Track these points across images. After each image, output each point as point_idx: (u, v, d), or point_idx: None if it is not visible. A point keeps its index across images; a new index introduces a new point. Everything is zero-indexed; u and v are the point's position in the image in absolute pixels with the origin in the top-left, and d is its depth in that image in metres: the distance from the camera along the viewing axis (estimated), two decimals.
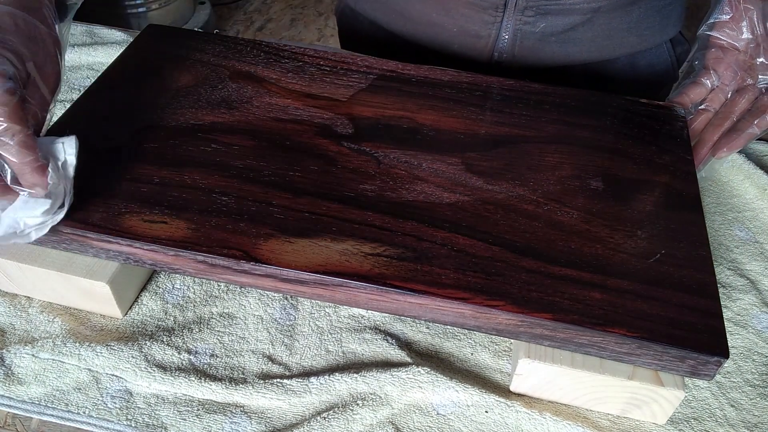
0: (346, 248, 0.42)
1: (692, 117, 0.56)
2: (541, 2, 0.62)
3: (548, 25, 0.64)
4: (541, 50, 0.66)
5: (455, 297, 0.40)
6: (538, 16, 0.63)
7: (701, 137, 0.55)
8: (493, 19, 0.64)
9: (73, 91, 0.67)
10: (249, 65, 0.57)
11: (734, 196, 0.60)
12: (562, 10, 0.63)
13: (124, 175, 0.46)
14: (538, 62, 0.67)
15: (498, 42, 0.66)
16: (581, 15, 0.63)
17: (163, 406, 0.44)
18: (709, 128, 0.55)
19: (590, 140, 0.52)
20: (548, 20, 0.64)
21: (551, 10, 0.63)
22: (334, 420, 0.43)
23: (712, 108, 0.56)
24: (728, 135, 0.54)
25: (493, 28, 0.65)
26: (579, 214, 0.46)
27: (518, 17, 0.64)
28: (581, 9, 0.63)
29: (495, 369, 0.47)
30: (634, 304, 0.40)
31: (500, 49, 0.66)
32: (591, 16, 0.64)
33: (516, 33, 0.65)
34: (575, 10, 0.63)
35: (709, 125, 0.55)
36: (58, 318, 0.48)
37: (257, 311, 0.49)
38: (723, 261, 0.54)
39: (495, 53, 0.67)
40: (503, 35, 0.65)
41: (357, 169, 0.48)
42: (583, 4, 0.62)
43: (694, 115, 0.56)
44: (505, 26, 0.65)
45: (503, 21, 0.64)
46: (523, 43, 0.65)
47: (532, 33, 0.65)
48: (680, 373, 0.40)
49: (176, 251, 0.42)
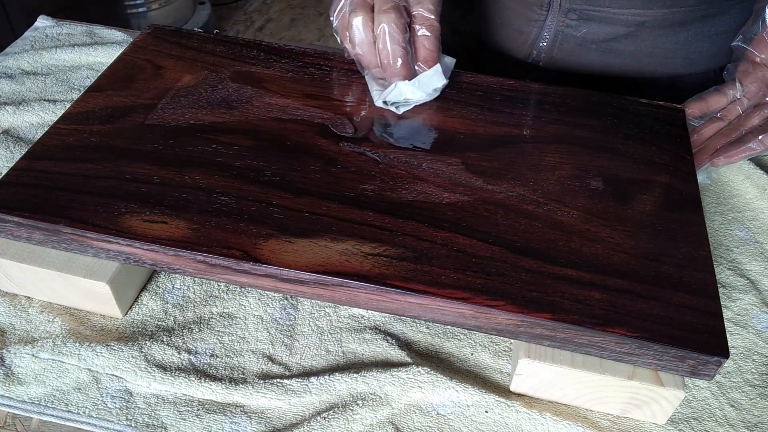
0: (346, 248, 0.42)
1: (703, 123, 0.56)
2: (585, 6, 0.62)
3: (590, 32, 0.64)
4: (580, 56, 0.66)
5: (455, 297, 0.40)
6: (581, 21, 0.63)
7: (706, 144, 0.55)
8: (537, 16, 0.64)
9: (73, 91, 0.67)
10: (249, 65, 0.57)
11: (734, 196, 0.60)
12: (605, 18, 0.62)
13: (124, 175, 0.46)
14: (576, 68, 0.67)
15: (538, 41, 0.66)
16: (625, 26, 0.63)
17: (163, 406, 0.44)
18: (717, 137, 0.55)
19: (590, 140, 0.52)
20: (591, 26, 0.63)
21: (594, 17, 0.62)
22: (334, 420, 0.43)
23: (727, 119, 0.56)
24: (729, 146, 0.54)
25: (536, 26, 0.65)
26: (579, 214, 0.46)
27: (561, 19, 0.63)
28: (625, 20, 0.62)
29: (495, 369, 0.47)
30: (634, 304, 0.40)
31: (539, 48, 0.66)
32: (635, 29, 0.63)
33: (557, 34, 0.64)
34: (619, 21, 0.62)
35: (718, 134, 0.55)
36: (58, 318, 0.48)
37: (257, 311, 0.49)
38: (723, 261, 0.54)
39: (533, 51, 0.67)
40: (544, 34, 0.65)
41: (357, 169, 0.48)
42: (628, 16, 0.62)
43: (705, 122, 0.56)
44: (548, 26, 0.64)
45: (546, 20, 0.64)
46: (562, 46, 0.65)
47: (573, 37, 0.64)
48: (680, 373, 0.40)
49: (176, 251, 0.42)
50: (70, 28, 0.75)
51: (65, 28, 0.75)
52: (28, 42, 0.72)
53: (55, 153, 0.47)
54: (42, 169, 0.46)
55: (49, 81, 0.67)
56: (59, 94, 0.66)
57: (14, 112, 0.63)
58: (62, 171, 0.46)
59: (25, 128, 0.62)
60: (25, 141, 0.61)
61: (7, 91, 0.66)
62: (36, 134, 0.62)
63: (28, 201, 0.44)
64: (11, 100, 0.65)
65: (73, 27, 0.75)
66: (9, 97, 0.65)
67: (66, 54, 0.70)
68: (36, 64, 0.69)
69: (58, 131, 0.49)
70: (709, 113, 0.57)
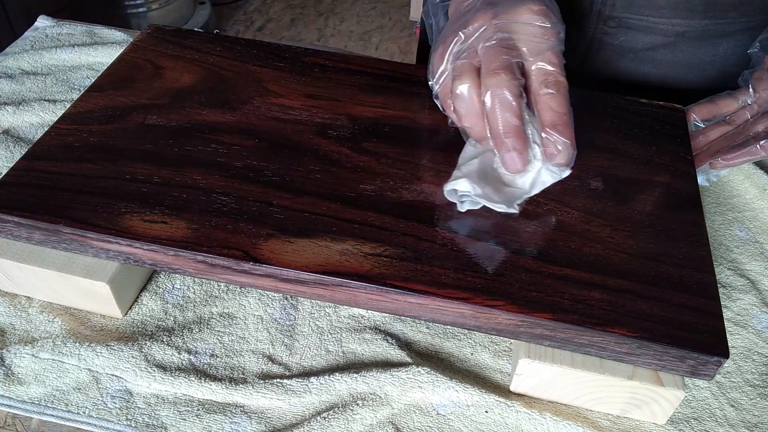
0: (346, 248, 0.42)
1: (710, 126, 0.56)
2: (624, 14, 0.61)
3: (627, 40, 0.63)
4: (617, 64, 0.65)
5: (455, 297, 0.40)
6: (620, 29, 0.62)
7: (709, 147, 0.55)
8: (575, 22, 0.63)
9: (73, 91, 0.67)
10: (249, 65, 0.57)
11: (734, 196, 0.60)
12: (645, 27, 0.61)
13: (124, 175, 0.46)
14: (612, 75, 0.66)
15: (576, 47, 0.64)
16: (664, 36, 0.62)
17: (163, 406, 0.44)
18: (721, 140, 0.55)
19: (590, 140, 0.52)
20: (629, 35, 0.62)
21: (633, 25, 0.61)
22: (334, 420, 0.43)
23: (734, 123, 0.56)
24: (729, 149, 0.54)
25: (572, 31, 0.63)
26: (579, 214, 0.46)
27: (599, 26, 0.62)
28: (665, 30, 0.61)
29: (495, 369, 0.47)
30: (634, 304, 0.40)
31: (575, 54, 0.65)
32: (674, 39, 0.62)
33: (593, 41, 0.63)
34: (659, 30, 0.61)
35: (722, 137, 0.55)
36: (58, 318, 0.48)
37: (257, 311, 0.49)
38: (723, 261, 0.54)
39: (568, 57, 0.66)
40: (582, 41, 0.64)
41: (357, 169, 0.48)
42: (668, 26, 0.61)
43: (712, 125, 0.56)
44: (584, 33, 0.63)
45: (584, 26, 0.62)
46: (599, 53, 0.64)
47: (610, 44, 0.63)
48: (680, 373, 0.40)
49: (176, 251, 0.42)
50: (70, 28, 0.75)
51: (65, 28, 0.75)
52: (28, 42, 0.72)
53: (55, 153, 0.47)
54: (42, 169, 0.46)
55: (49, 81, 0.67)
56: (59, 94, 0.66)
57: (14, 112, 0.63)
58: (62, 171, 0.46)
59: (25, 128, 0.62)
60: (25, 141, 0.61)
61: (7, 91, 0.66)
62: (36, 134, 0.62)
63: (28, 201, 0.44)
64: (11, 100, 0.65)
65: (73, 27, 0.75)
66: (9, 97, 0.65)
67: (66, 54, 0.70)
68: (36, 64, 0.69)
69: (58, 131, 0.49)
70: (717, 116, 0.57)
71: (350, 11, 2.35)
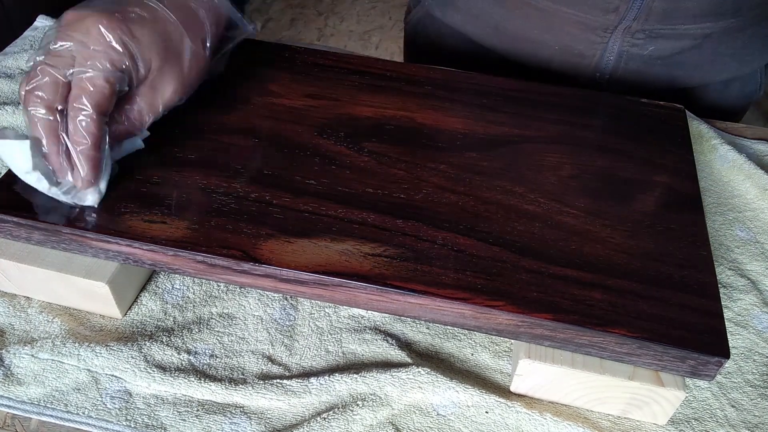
0: (346, 248, 0.42)
1: None
2: (656, 26, 0.60)
3: (657, 49, 0.62)
4: (646, 72, 0.64)
5: (455, 297, 0.40)
6: (649, 39, 0.61)
7: None
8: (600, 39, 0.62)
9: None
10: (249, 65, 0.57)
11: (735, 196, 0.60)
12: (675, 34, 0.61)
13: (123, 175, 0.46)
14: (641, 84, 0.66)
15: (601, 62, 0.64)
16: (692, 40, 0.62)
17: (163, 407, 0.44)
18: None
19: (590, 140, 0.52)
20: (658, 44, 0.62)
21: (663, 34, 0.61)
22: (334, 420, 0.43)
23: None
24: None
25: (599, 48, 0.63)
26: (579, 214, 0.46)
27: (627, 39, 0.62)
28: (693, 34, 0.61)
29: (495, 369, 0.47)
30: (634, 304, 0.40)
31: (602, 69, 0.64)
32: (701, 41, 0.62)
33: (621, 54, 0.63)
34: (688, 35, 0.61)
35: None
36: (57, 318, 0.48)
37: (257, 311, 0.49)
38: (723, 261, 0.54)
39: (597, 74, 0.65)
40: (608, 56, 0.63)
41: (357, 169, 0.48)
42: (696, 30, 0.61)
43: None
44: (611, 47, 0.63)
45: (609, 42, 0.62)
46: (627, 65, 0.64)
47: (639, 56, 0.63)
48: (681, 373, 0.40)
49: (176, 251, 0.42)
50: None
51: None
52: (27, 42, 0.72)
53: None
54: None
55: None
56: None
57: (14, 112, 0.63)
58: None
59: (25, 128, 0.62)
60: None
61: (6, 91, 0.66)
62: None
63: (28, 201, 0.44)
64: (11, 100, 0.65)
65: None
66: (9, 97, 0.65)
67: None
68: None
69: None
70: None
71: (350, 11, 2.34)
